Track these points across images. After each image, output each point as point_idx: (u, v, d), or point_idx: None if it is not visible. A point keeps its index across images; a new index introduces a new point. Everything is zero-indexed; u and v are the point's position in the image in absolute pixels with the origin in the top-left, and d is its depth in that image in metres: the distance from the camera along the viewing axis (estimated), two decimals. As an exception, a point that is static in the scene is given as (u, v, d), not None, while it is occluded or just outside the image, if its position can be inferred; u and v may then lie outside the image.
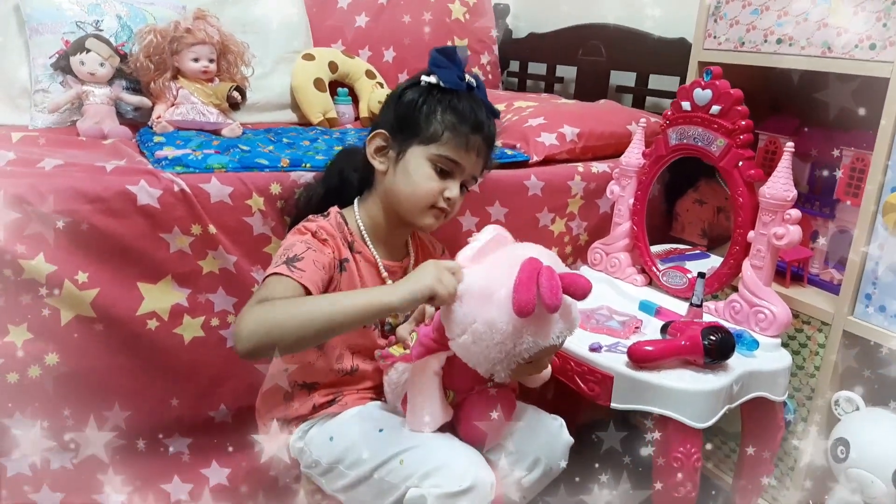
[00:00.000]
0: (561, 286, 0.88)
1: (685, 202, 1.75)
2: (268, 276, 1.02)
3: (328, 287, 1.08)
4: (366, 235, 1.18)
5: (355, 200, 1.21)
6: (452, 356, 1.00)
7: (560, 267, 0.94)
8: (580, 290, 0.90)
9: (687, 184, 1.75)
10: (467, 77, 1.14)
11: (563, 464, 1.15)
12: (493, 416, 1.03)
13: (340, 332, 0.98)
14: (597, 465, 1.15)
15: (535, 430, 1.14)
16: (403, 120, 1.14)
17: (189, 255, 1.24)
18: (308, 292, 1.00)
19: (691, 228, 1.73)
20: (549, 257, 0.95)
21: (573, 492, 1.19)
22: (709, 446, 1.58)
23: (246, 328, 0.91)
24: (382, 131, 1.16)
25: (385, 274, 1.18)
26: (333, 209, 1.18)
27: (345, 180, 1.25)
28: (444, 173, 1.13)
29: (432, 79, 1.13)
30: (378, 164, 1.16)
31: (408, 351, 1.07)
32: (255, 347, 0.90)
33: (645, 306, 1.38)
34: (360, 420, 1.12)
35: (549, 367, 1.11)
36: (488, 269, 0.95)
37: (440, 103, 1.12)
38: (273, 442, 1.15)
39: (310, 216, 1.17)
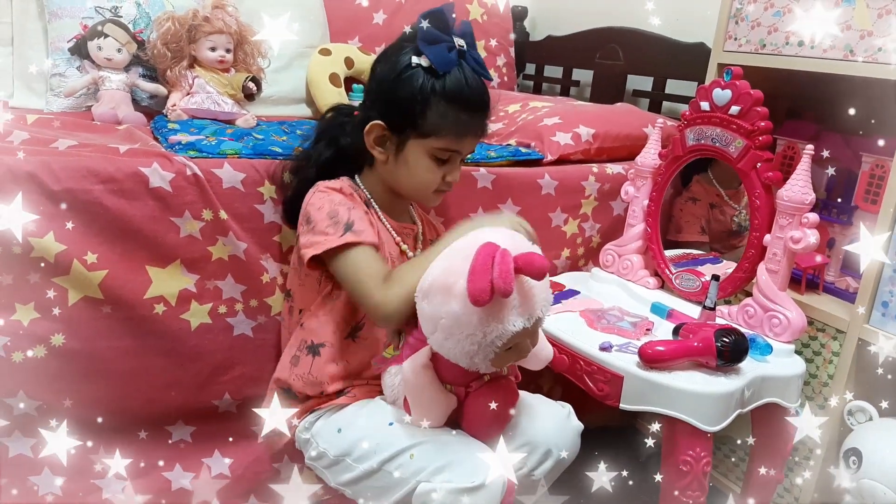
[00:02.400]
0: (513, 269, 0.86)
1: (678, 203, 1.74)
2: (336, 249, 1.05)
3: None
4: (373, 203, 1.19)
5: (355, 176, 1.20)
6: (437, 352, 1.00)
7: (522, 246, 0.93)
8: (535, 270, 0.88)
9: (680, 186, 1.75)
10: (456, 42, 1.09)
11: (576, 451, 1.14)
12: (492, 407, 1.01)
13: None
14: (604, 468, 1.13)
15: (543, 420, 1.12)
16: (400, 112, 1.11)
17: (199, 241, 1.24)
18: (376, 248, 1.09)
19: (689, 227, 1.71)
20: (509, 239, 0.94)
21: (578, 494, 1.18)
22: (718, 454, 1.56)
23: (392, 309, 1.02)
24: (380, 123, 1.13)
25: (398, 238, 1.20)
26: (344, 178, 1.18)
27: (342, 150, 1.21)
28: (443, 161, 1.14)
29: (423, 61, 1.08)
30: (378, 154, 1.15)
31: (398, 352, 1.07)
32: (402, 312, 1.02)
33: (657, 309, 1.36)
34: (370, 413, 1.11)
35: (549, 347, 1.11)
36: (448, 261, 0.94)
37: (434, 92, 1.08)
38: (275, 416, 1.13)
39: (320, 182, 1.16)
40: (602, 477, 1.05)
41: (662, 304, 1.36)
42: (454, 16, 1.09)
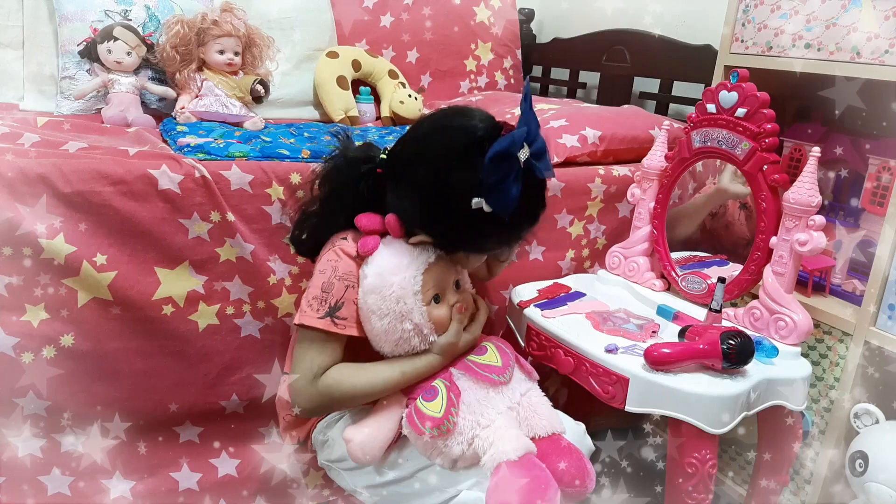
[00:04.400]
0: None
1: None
2: (309, 328, 1.01)
3: None
4: None
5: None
6: None
7: None
8: (391, 227, 1.02)
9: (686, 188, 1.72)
10: (521, 158, 0.94)
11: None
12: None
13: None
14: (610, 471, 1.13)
15: None
16: (452, 240, 1.03)
17: (207, 242, 1.25)
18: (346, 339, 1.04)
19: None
20: None
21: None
22: (724, 456, 1.55)
23: (306, 407, 1.02)
24: (425, 238, 1.03)
25: None
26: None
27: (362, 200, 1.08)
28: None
29: (486, 207, 0.95)
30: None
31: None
32: (316, 414, 1.08)
33: (663, 311, 1.36)
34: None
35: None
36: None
37: (493, 229, 0.99)
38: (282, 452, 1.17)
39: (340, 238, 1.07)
40: (608, 479, 1.05)
41: (668, 307, 1.36)
42: (536, 123, 0.99)
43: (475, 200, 0.95)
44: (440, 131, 1.01)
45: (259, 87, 1.70)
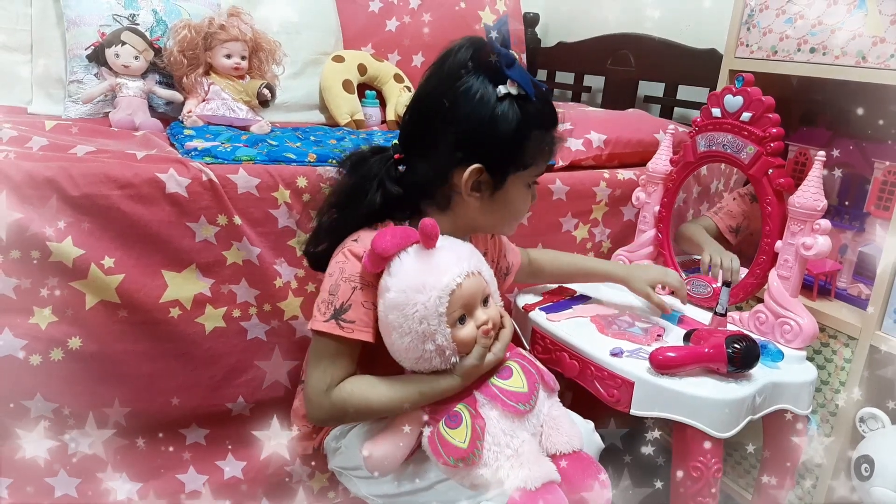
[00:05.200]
0: (401, 236, 0.94)
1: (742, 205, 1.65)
2: (320, 333, 0.99)
3: None
4: None
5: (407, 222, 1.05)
6: None
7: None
8: (423, 235, 0.93)
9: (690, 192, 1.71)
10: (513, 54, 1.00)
11: None
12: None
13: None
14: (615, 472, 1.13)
15: None
16: (501, 152, 1.00)
17: (214, 245, 1.25)
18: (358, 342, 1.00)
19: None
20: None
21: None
22: (729, 460, 1.55)
23: (318, 417, 1.01)
24: (479, 167, 1.00)
25: None
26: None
27: (389, 197, 1.05)
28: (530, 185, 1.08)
29: (513, 89, 0.98)
30: (474, 199, 1.03)
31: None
32: (328, 425, 1.10)
33: (668, 315, 1.36)
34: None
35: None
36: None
37: (529, 124, 0.99)
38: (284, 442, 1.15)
39: (350, 240, 1.04)
40: (612, 483, 1.05)
41: (674, 310, 1.36)
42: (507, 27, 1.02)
43: (500, 88, 0.97)
44: (434, 74, 1.02)
45: (265, 91, 1.70)
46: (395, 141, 1.07)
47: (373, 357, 1.02)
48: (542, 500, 0.94)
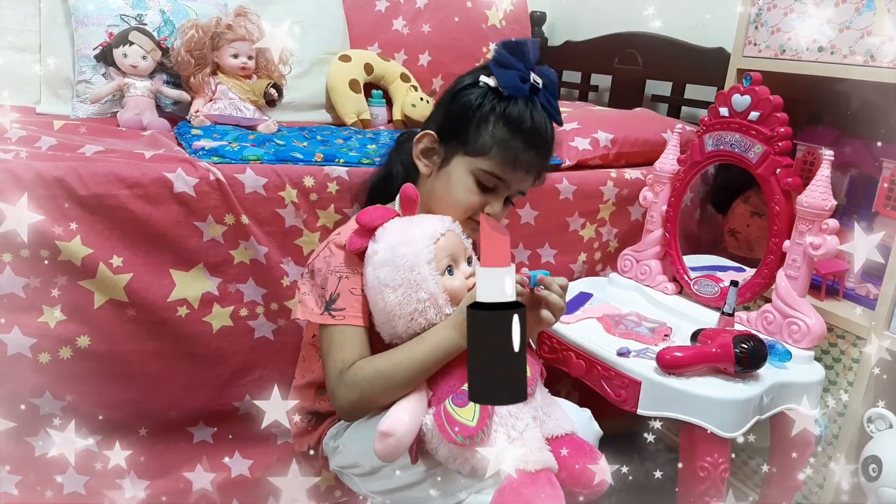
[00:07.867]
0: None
1: (741, 216, 1.65)
2: (321, 327, 1.03)
3: None
4: None
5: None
6: None
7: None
8: (404, 196, 1.02)
9: (733, 195, 1.68)
10: (532, 77, 1.05)
11: None
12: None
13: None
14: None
15: None
16: (453, 124, 1.07)
17: (221, 245, 1.26)
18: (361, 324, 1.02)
19: (759, 245, 1.59)
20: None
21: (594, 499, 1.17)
22: (736, 460, 1.55)
23: (343, 405, 1.01)
24: (430, 132, 1.09)
25: None
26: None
27: (391, 173, 1.19)
28: (486, 188, 1.07)
29: (491, 81, 1.05)
30: (422, 166, 1.11)
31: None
32: (356, 414, 1.04)
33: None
34: None
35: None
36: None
37: (494, 112, 1.04)
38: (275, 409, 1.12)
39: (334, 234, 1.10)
40: (619, 482, 1.05)
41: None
42: (538, 52, 1.07)
43: (483, 78, 1.06)
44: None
45: (272, 91, 1.71)
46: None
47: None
48: (538, 483, 0.94)
